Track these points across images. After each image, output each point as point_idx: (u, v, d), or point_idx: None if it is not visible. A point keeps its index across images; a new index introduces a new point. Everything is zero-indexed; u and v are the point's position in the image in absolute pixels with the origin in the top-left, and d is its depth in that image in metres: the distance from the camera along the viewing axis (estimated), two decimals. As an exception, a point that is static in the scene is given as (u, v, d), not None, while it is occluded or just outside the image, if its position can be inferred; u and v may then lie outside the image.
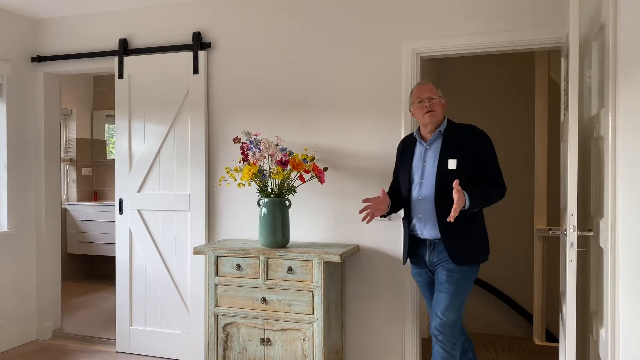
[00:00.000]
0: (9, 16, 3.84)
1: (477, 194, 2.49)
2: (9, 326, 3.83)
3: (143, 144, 3.71)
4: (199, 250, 3.19)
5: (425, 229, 2.64)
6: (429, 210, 2.60)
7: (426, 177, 2.64)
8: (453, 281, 2.57)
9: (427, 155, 2.67)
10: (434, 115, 2.64)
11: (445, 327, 2.57)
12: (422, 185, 2.65)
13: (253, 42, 3.48)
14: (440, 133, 2.67)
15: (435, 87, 2.72)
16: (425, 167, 2.66)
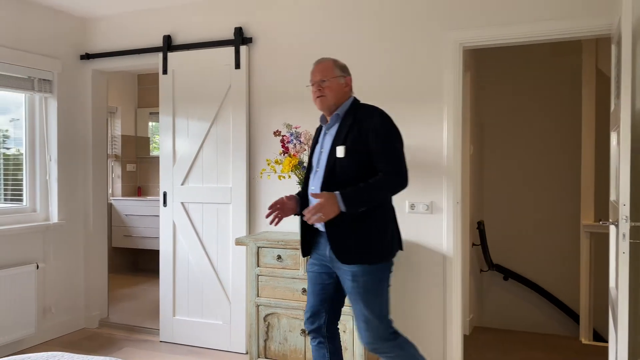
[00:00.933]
0: (60, 15, 3.99)
1: (353, 194, 2.20)
2: (59, 315, 3.98)
3: (186, 137, 3.79)
4: (241, 241, 3.23)
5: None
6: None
7: (321, 165, 2.38)
8: (358, 287, 2.27)
9: (325, 141, 2.42)
10: (323, 100, 2.37)
11: (376, 340, 2.29)
12: (317, 174, 2.40)
13: (294, 36, 3.51)
14: (338, 117, 2.39)
15: (332, 64, 2.41)
16: (322, 154, 2.40)
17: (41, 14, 3.84)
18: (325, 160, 2.36)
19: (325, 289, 2.44)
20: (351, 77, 2.48)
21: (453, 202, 3.13)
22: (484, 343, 3.89)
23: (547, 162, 4.46)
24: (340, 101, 2.41)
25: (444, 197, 3.14)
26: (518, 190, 4.59)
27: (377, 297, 2.29)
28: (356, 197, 2.21)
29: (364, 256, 2.26)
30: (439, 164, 3.15)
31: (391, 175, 2.25)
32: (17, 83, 3.71)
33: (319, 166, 2.39)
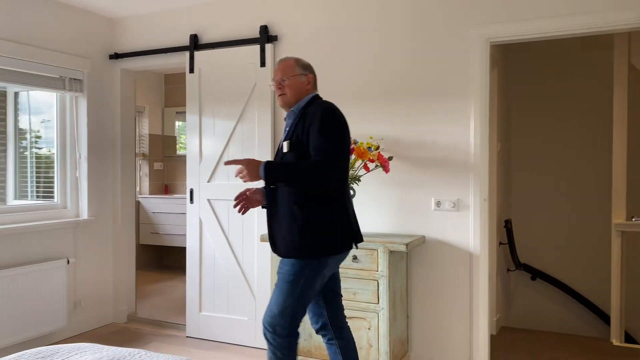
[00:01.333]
0: (90, 16, 4.08)
1: (275, 165, 2.25)
2: (89, 309, 4.07)
3: (213, 135, 3.83)
4: (266, 237, 3.24)
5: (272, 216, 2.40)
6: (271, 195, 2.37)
7: (279, 155, 2.41)
8: (280, 273, 2.32)
9: (284, 132, 2.47)
10: (283, 98, 2.42)
11: (269, 326, 2.30)
12: None
13: (319, 34, 3.51)
14: (293, 113, 2.41)
15: (293, 63, 2.45)
16: (280, 149, 2.41)
17: (72, 15, 3.93)
18: (277, 156, 2.42)
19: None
20: (314, 75, 2.49)
21: (480, 200, 3.09)
22: (511, 343, 3.84)
23: (576, 158, 4.37)
24: (300, 99, 2.43)
25: (470, 194, 3.11)
26: (546, 188, 4.51)
27: (286, 291, 2.27)
28: (277, 168, 2.25)
29: (298, 250, 2.26)
30: (465, 161, 3.11)
31: (318, 161, 2.20)
32: (49, 82, 3.81)
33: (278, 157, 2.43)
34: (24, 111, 4.70)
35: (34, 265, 3.55)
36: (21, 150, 4.62)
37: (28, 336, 3.50)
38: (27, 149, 4.59)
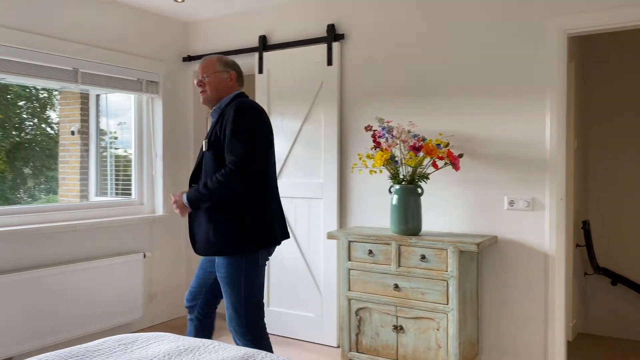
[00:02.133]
0: (164, 20, 4.27)
1: (195, 193, 2.36)
2: (163, 301, 4.25)
3: (281, 134, 3.89)
4: (333, 235, 3.26)
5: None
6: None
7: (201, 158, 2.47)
8: (220, 277, 2.42)
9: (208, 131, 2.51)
10: (204, 95, 2.46)
11: (234, 329, 2.44)
12: (203, 163, 2.47)
13: (385, 31, 3.49)
14: (217, 111, 2.47)
15: (215, 60, 2.48)
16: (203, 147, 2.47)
17: (148, 20, 4.13)
18: (205, 149, 2.44)
19: (206, 276, 2.57)
20: (237, 72, 2.51)
21: (556, 199, 2.95)
22: (589, 351, 3.64)
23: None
24: (222, 96, 2.46)
25: (546, 193, 2.97)
26: (627, 187, 4.24)
27: (233, 288, 2.39)
28: (196, 196, 2.36)
29: (224, 249, 2.35)
30: (541, 159, 2.98)
31: (226, 174, 2.28)
32: (128, 85, 4.01)
33: (203, 160, 2.46)
34: (103, 113, 4.99)
35: (113, 258, 3.76)
36: (101, 150, 4.90)
37: (107, 325, 3.70)
38: (107, 149, 4.86)
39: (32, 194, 6.16)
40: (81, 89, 3.99)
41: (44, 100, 10.00)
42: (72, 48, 3.55)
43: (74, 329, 3.48)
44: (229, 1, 3.91)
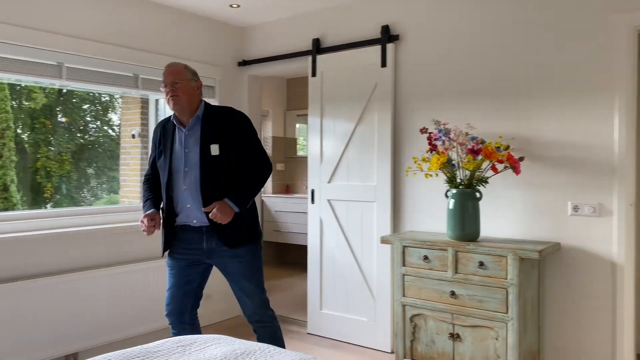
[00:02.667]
0: (221, 26, 4.35)
1: (241, 194, 2.54)
2: (218, 302, 4.34)
3: (333, 136, 3.89)
4: (386, 239, 3.22)
5: (196, 218, 2.58)
6: (197, 199, 2.54)
7: (191, 165, 2.56)
8: (245, 265, 2.63)
9: (189, 142, 2.57)
10: (177, 100, 2.52)
11: (258, 308, 2.70)
12: (187, 173, 2.57)
13: (441, 32, 3.41)
14: (198, 118, 2.58)
15: (183, 68, 2.57)
16: (188, 154, 2.56)
17: (205, 26, 4.22)
18: (197, 160, 2.53)
19: (190, 283, 2.70)
20: (201, 83, 2.66)
21: (625, 204, 2.79)
22: (662, 366, 3.41)
23: None
24: (194, 104, 2.59)
25: (614, 198, 2.81)
26: None
27: (258, 271, 2.70)
28: (243, 196, 2.55)
29: (248, 238, 2.63)
30: (608, 162, 2.83)
31: (261, 166, 2.62)
32: (185, 90, 4.11)
33: (189, 166, 2.56)
34: (162, 117, 5.15)
35: (172, 258, 3.86)
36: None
37: (165, 324, 3.80)
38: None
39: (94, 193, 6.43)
40: (141, 94, 4.13)
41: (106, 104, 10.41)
42: (133, 55, 3.68)
43: (135, 327, 3.60)
44: (283, 5, 3.94)
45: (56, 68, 3.29)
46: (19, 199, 9.98)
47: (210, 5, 3.93)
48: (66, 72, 3.33)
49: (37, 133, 10.58)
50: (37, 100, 10.24)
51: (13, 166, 9.77)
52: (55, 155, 10.49)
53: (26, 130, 11.00)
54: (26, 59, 3.13)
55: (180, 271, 2.68)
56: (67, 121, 10.95)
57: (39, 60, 3.20)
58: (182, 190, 2.59)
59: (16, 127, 10.38)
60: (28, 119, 10.89)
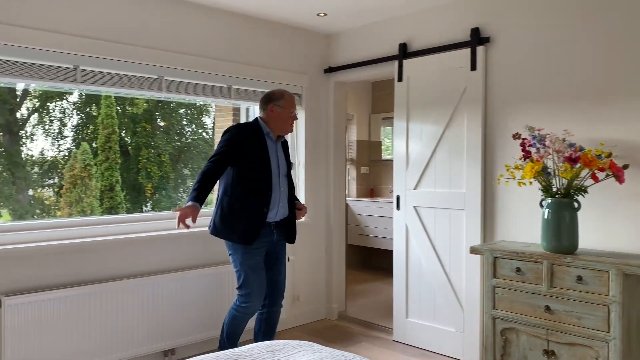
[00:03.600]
0: (308, 34, 4.44)
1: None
2: (305, 304, 4.43)
3: (419, 142, 3.83)
4: (476, 249, 3.12)
5: (278, 214, 3.15)
6: (287, 199, 3.21)
7: (283, 171, 3.18)
8: (283, 257, 3.31)
9: (280, 153, 3.20)
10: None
11: (282, 295, 3.34)
12: (282, 178, 3.16)
13: (534, 32, 3.25)
14: (281, 136, 3.26)
15: None
16: (279, 162, 3.17)
17: (293, 35, 4.33)
18: (285, 169, 3.22)
19: (264, 272, 3.17)
20: None
21: None
22: None
23: None
24: None
25: None
26: None
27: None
28: None
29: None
30: None
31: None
32: (274, 98, 4.24)
33: (282, 173, 3.18)
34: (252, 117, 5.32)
35: (261, 261, 3.99)
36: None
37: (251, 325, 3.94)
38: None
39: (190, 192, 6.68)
40: (233, 104, 4.31)
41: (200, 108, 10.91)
42: (226, 67, 3.85)
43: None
44: (369, 12, 3.94)
45: (157, 81, 3.52)
46: (122, 198, 10.72)
47: (298, 15, 4.03)
48: (165, 84, 3.55)
49: (138, 136, 11.33)
50: (139, 105, 10.98)
51: (117, 167, 10.52)
52: (155, 157, 11.17)
53: (129, 134, 11.80)
54: (129, 74, 3.39)
55: (260, 264, 3.13)
56: (165, 125, 11.66)
57: (141, 74, 3.44)
58: (280, 191, 3.14)
59: (120, 131, 11.23)
60: (131, 124, 11.69)
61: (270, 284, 3.22)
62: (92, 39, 3.19)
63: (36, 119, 11.36)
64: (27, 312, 2.86)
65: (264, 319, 3.28)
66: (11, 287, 2.90)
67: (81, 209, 10.51)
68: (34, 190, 11.20)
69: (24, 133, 11.20)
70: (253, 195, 3.02)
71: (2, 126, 10.73)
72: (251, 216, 3.02)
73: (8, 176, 10.70)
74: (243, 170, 3.02)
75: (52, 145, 11.77)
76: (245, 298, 3.09)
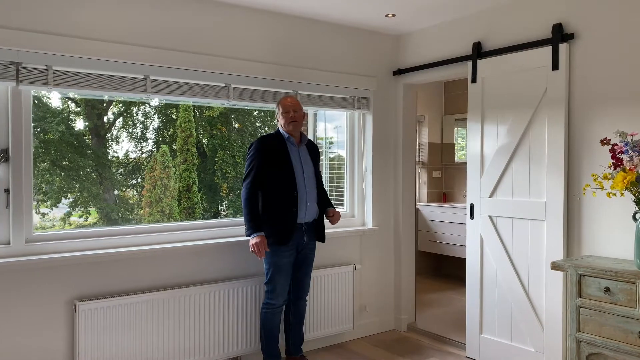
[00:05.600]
0: (375, 36, 4.30)
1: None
2: (372, 314, 4.30)
3: (495, 148, 3.60)
4: (558, 265, 2.87)
5: (307, 214, 3.32)
6: (314, 200, 3.38)
7: (309, 173, 3.36)
8: (312, 259, 3.49)
9: (304, 156, 3.38)
10: (297, 125, 3.36)
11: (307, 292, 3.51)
12: (307, 180, 3.33)
13: (627, 27, 2.93)
14: (305, 139, 3.45)
15: (300, 102, 3.47)
16: (304, 165, 3.35)
17: (360, 38, 4.20)
18: (312, 172, 3.39)
19: (290, 274, 3.36)
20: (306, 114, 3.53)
21: None
22: None
23: None
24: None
25: None
26: None
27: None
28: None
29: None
30: None
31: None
32: (340, 103, 4.15)
33: (306, 175, 3.34)
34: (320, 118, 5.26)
35: (327, 269, 3.92)
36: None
37: (323, 334, 3.88)
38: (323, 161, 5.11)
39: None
40: (300, 109, 4.24)
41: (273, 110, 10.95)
42: (294, 72, 3.80)
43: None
44: (440, 10, 3.75)
45: (224, 89, 3.53)
46: (199, 198, 11.07)
47: (366, 17, 3.90)
48: (233, 92, 3.56)
49: (214, 138, 11.67)
50: (215, 109, 11.29)
51: (195, 169, 10.89)
52: (230, 158, 11.45)
53: (206, 136, 12.18)
54: (200, 82, 3.42)
55: (288, 266, 3.30)
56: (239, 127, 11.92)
57: (211, 82, 3.46)
58: (307, 191, 3.31)
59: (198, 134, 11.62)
60: (207, 126, 12.05)
61: (295, 282, 3.42)
62: (163, 49, 3.24)
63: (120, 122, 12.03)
64: (99, 317, 2.95)
65: (291, 312, 3.47)
66: (86, 291, 3.00)
67: (160, 209, 10.99)
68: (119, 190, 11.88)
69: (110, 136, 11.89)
70: (282, 197, 3.23)
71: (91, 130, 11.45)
72: (283, 217, 3.23)
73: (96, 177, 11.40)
74: (270, 176, 3.24)
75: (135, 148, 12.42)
76: (269, 294, 3.30)
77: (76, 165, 11.26)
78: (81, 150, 11.20)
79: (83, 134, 11.23)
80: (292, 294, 3.44)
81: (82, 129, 11.40)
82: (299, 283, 3.44)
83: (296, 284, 3.44)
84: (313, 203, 3.36)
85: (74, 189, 11.14)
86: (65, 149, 11.01)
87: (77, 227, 11.09)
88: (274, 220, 3.23)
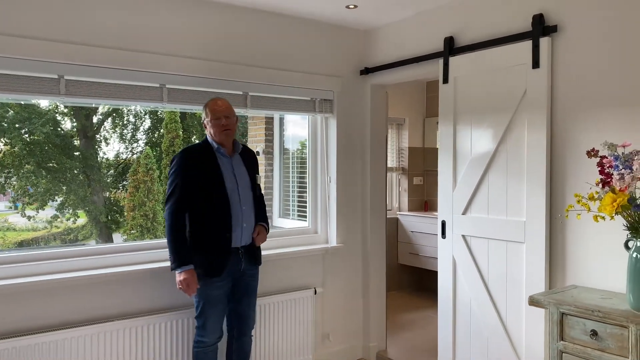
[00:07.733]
0: (340, 32, 3.83)
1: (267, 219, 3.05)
2: (337, 343, 3.84)
3: (469, 158, 3.15)
4: (537, 300, 2.41)
5: (243, 237, 2.83)
6: (252, 219, 2.88)
7: (244, 188, 2.85)
8: (256, 282, 2.99)
9: (237, 168, 2.86)
10: (229, 134, 2.84)
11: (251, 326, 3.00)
12: (242, 196, 2.83)
13: (617, 19, 2.48)
14: (239, 147, 2.91)
15: (230, 105, 2.90)
16: (239, 179, 2.84)
17: (321, 32, 3.73)
18: (248, 186, 2.88)
19: (225, 306, 2.87)
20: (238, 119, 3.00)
21: None
22: None
23: None
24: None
25: None
26: None
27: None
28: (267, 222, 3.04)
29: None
30: None
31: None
32: (299, 106, 3.69)
33: (242, 191, 2.84)
34: (288, 130, 4.82)
35: (282, 295, 3.46)
36: (285, 171, 4.75)
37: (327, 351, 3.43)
38: (289, 168, 4.68)
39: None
40: (251, 114, 3.80)
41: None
42: (242, 71, 3.34)
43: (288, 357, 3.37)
44: (407, 1, 3.29)
45: (157, 90, 3.07)
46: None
47: (325, 8, 3.44)
48: (167, 94, 3.10)
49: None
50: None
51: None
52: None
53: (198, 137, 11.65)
54: (127, 83, 2.96)
55: (220, 298, 2.81)
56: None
57: (141, 83, 3.01)
58: (242, 209, 2.82)
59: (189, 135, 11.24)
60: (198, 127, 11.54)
61: (237, 316, 2.93)
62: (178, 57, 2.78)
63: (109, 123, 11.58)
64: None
65: (234, 350, 2.97)
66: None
67: (144, 213, 10.54)
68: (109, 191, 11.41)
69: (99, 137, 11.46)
70: (212, 220, 2.75)
71: (79, 131, 10.98)
72: (215, 244, 2.75)
73: (84, 178, 10.93)
74: (198, 196, 2.74)
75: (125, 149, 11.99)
76: (200, 330, 2.82)
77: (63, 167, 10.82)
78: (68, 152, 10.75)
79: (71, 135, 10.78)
80: (235, 329, 2.96)
81: (70, 130, 10.96)
82: (241, 317, 2.93)
83: (238, 318, 2.94)
84: (250, 223, 2.87)
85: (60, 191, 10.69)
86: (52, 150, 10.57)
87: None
88: (204, 248, 2.74)
